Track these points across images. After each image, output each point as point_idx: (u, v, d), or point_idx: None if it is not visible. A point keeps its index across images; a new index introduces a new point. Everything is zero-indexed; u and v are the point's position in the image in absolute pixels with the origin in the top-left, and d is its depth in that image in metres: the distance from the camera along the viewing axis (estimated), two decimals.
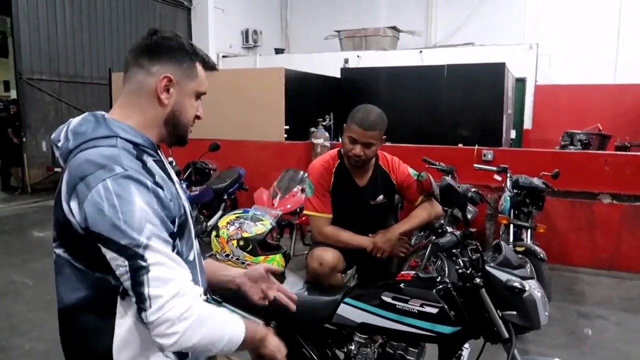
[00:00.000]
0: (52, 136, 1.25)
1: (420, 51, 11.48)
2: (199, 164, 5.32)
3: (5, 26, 10.86)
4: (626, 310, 4.15)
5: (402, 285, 2.00)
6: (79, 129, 1.19)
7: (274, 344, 1.40)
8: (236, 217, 2.32)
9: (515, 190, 4.08)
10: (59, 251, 1.18)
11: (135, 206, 1.07)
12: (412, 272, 2.10)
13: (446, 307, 1.90)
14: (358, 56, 12.18)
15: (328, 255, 2.32)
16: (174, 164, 5.23)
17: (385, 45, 12.45)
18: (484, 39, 12.02)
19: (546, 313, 1.89)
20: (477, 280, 1.84)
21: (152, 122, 1.23)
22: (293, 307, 1.61)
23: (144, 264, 1.07)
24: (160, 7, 11.68)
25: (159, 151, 1.28)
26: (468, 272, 1.85)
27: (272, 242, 2.40)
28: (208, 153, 5.25)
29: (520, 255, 3.73)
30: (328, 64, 10.09)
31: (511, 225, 3.93)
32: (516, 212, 4.05)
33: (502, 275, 1.83)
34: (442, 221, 2.08)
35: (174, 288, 1.08)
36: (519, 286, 1.77)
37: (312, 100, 7.15)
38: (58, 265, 1.19)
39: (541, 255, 3.57)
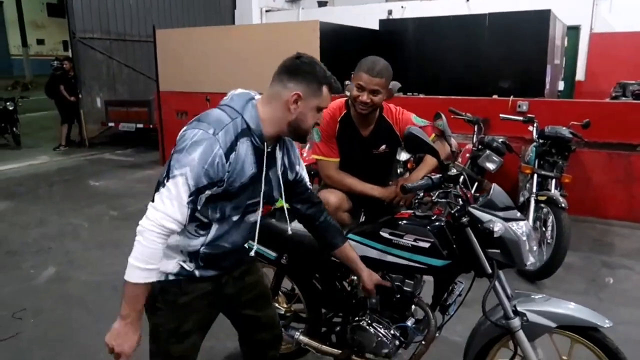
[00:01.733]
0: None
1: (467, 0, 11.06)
2: None
3: None
4: None
5: (398, 222, 2.16)
6: (235, 96, 1.67)
7: (119, 334, 1.55)
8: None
9: (540, 140, 4.06)
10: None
11: (192, 154, 1.50)
12: (410, 211, 2.24)
13: (437, 242, 2.04)
14: (402, 7, 11.90)
15: (332, 196, 2.49)
16: None
17: None
18: None
19: (533, 253, 1.98)
20: (464, 219, 1.97)
21: (278, 120, 1.65)
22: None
23: (165, 182, 1.52)
24: None
25: (264, 142, 1.64)
26: (453, 211, 1.98)
27: None
28: None
29: (542, 205, 3.78)
30: (371, 16, 9.93)
31: (535, 175, 3.93)
32: (541, 162, 4.04)
33: (484, 217, 1.94)
34: (450, 162, 2.16)
35: (160, 206, 1.52)
36: (494, 228, 1.88)
37: (348, 53, 7.10)
38: None
39: (562, 204, 3.59)
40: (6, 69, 24.23)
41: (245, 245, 1.83)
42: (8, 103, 9.62)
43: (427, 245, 2.06)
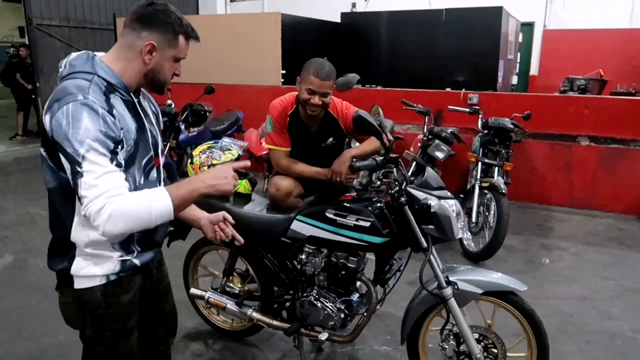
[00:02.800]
0: (59, 63, 1.54)
1: None
2: (195, 106, 5.62)
3: None
4: (587, 244, 4.46)
5: (342, 203, 2.33)
6: (73, 62, 1.49)
7: (214, 180, 1.52)
8: (208, 147, 2.65)
9: (485, 131, 4.32)
10: (42, 150, 1.49)
11: (81, 124, 1.35)
12: (354, 194, 2.42)
13: (376, 221, 2.22)
14: (365, 0, 12.07)
15: (284, 183, 2.64)
16: (172, 106, 5.56)
17: None
18: None
19: (461, 228, 2.19)
20: (402, 199, 2.16)
21: (133, 72, 1.53)
22: (241, 240, 2.00)
23: (79, 169, 1.35)
24: None
25: (131, 93, 1.55)
26: (392, 191, 2.17)
27: (240, 170, 2.72)
28: (204, 96, 5.54)
29: (486, 191, 4.04)
30: (335, 7, 10.07)
31: (479, 163, 4.19)
32: (485, 151, 4.30)
33: (420, 195, 2.14)
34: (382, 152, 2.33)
35: (95, 191, 1.35)
36: (431, 203, 2.08)
37: (309, 45, 7.29)
38: (41, 160, 1.51)
39: (502, 190, 3.86)
40: None
41: None
42: None
43: (367, 224, 2.24)
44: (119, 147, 1.44)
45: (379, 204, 2.27)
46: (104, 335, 1.63)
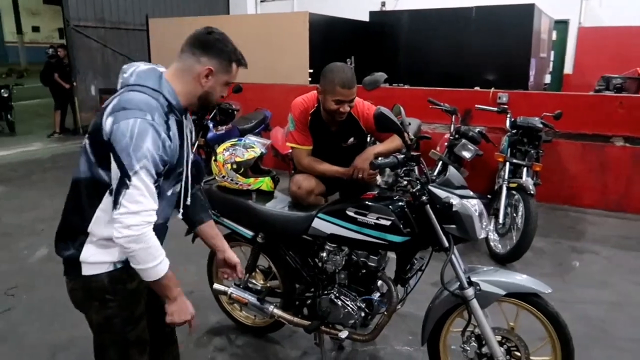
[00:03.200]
0: (124, 66, 1.67)
1: None
2: (223, 104, 5.70)
3: None
4: (620, 247, 4.31)
5: (363, 201, 2.33)
6: (142, 74, 1.62)
7: (177, 307, 1.68)
8: (231, 144, 2.68)
9: (513, 130, 4.24)
10: (87, 142, 1.59)
11: (144, 144, 1.48)
12: (375, 192, 2.41)
13: (397, 220, 2.21)
14: None
15: (305, 181, 2.65)
16: None
17: None
18: None
19: (484, 228, 2.16)
20: (423, 198, 2.14)
21: (189, 93, 1.66)
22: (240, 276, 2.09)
23: (128, 182, 1.47)
24: None
25: (183, 115, 1.68)
26: (413, 190, 2.15)
27: (263, 167, 2.75)
28: (232, 94, 5.61)
29: (513, 191, 3.97)
30: (364, 6, 10.04)
31: (507, 163, 4.11)
32: (513, 151, 4.22)
33: (442, 193, 2.12)
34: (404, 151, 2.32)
35: (136, 207, 1.49)
36: (452, 202, 2.06)
37: (337, 44, 7.30)
38: (82, 151, 1.61)
39: (530, 191, 3.78)
40: (1, 56, 24.18)
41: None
42: (2, 90, 9.70)
43: (388, 223, 2.23)
44: (164, 168, 1.58)
45: (400, 203, 2.26)
46: (112, 322, 1.69)
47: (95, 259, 1.62)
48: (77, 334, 3.00)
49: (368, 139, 3.06)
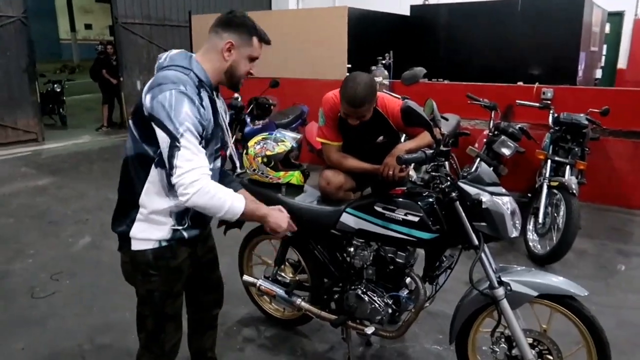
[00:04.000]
0: (159, 55, 1.84)
1: None
2: (260, 99, 5.76)
3: None
4: None
5: (391, 197, 2.29)
6: (174, 57, 1.78)
7: (273, 220, 1.89)
8: (262, 138, 2.70)
9: (556, 127, 4.07)
10: (130, 122, 1.75)
11: (182, 109, 1.62)
12: (404, 187, 2.37)
13: (425, 216, 2.17)
14: None
15: (334, 176, 2.63)
16: (239, 99, 5.73)
17: None
18: None
19: (517, 227, 2.08)
20: (453, 194, 2.09)
21: (216, 70, 1.80)
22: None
23: (178, 144, 1.61)
24: None
25: (214, 92, 1.81)
26: (442, 186, 2.10)
27: (294, 161, 2.75)
28: (269, 89, 5.66)
29: (555, 190, 3.82)
30: (407, 0, 9.89)
31: (548, 161, 3.95)
32: (556, 148, 4.05)
33: (472, 190, 2.06)
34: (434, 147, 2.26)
35: (191, 165, 1.62)
36: (482, 199, 1.99)
37: (376, 39, 7.22)
38: (128, 132, 1.78)
39: (573, 190, 3.62)
40: (55, 53, 25.32)
41: None
42: (55, 85, 10.18)
43: (416, 219, 2.19)
44: (204, 133, 1.71)
45: (429, 199, 2.22)
46: (153, 295, 1.85)
47: (143, 235, 1.78)
48: (114, 318, 3.12)
49: (403, 138, 3.01)
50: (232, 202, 1.71)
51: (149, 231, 1.77)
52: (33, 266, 3.90)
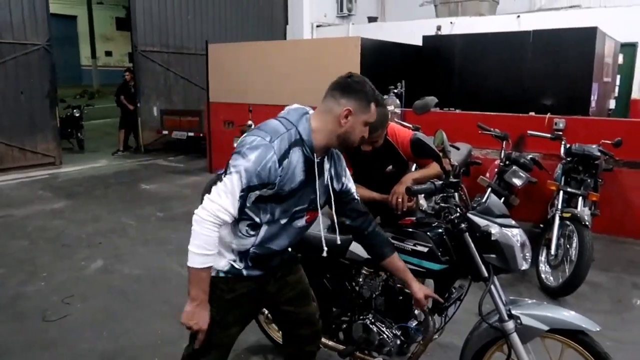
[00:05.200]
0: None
1: (518, 16, 10.95)
2: None
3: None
4: None
5: (401, 227, 2.30)
6: (292, 110, 1.85)
7: (188, 312, 1.79)
8: None
9: (568, 158, 4.06)
10: None
11: (249, 156, 1.70)
12: (414, 218, 2.38)
13: (435, 247, 2.17)
14: (451, 23, 11.90)
15: None
16: (252, 126, 5.81)
17: (482, 11, 12.01)
18: (595, 0, 11.13)
19: (527, 259, 2.08)
20: (462, 225, 2.09)
21: (328, 133, 1.81)
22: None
23: (223, 177, 1.74)
24: None
25: (313, 153, 1.81)
26: (452, 217, 2.11)
27: None
28: None
29: (567, 222, 3.78)
30: (419, 31, 10.01)
31: (560, 192, 3.93)
32: (568, 179, 4.03)
33: (481, 221, 2.06)
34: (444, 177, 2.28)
35: (214, 197, 1.72)
36: (492, 231, 2.00)
37: (389, 69, 7.31)
38: None
39: (586, 222, 3.59)
40: (76, 78, 25.95)
41: (289, 249, 2.03)
42: (75, 110, 10.44)
43: (425, 249, 2.19)
44: (263, 188, 1.74)
45: (438, 230, 2.22)
46: None
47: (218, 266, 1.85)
48: (124, 343, 3.13)
49: (413, 168, 3.03)
50: (199, 255, 1.72)
51: (216, 259, 1.81)
52: (46, 289, 3.95)
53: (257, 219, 1.82)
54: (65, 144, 10.21)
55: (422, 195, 2.33)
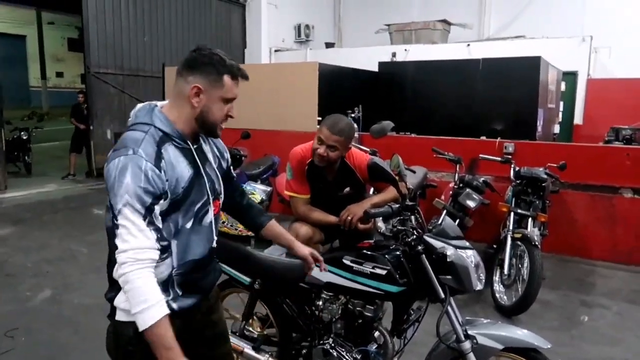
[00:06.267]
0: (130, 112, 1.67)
1: (468, 44, 11.44)
2: (231, 150, 5.80)
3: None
4: (632, 302, 4.19)
5: (359, 250, 2.32)
6: (137, 112, 1.63)
7: None
8: None
9: (517, 180, 4.24)
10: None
11: (124, 180, 1.46)
12: (372, 240, 2.41)
13: (393, 269, 2.20)
14: (405, 50, 12.29)
15: (303, 229, 2.67)
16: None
17: (435, 39, 12.48)
18: (539, 31, 11.77)
19: (481, 279, 2.14)
20: (419, 247, 2.14)
21: (185, 118, 1.60)
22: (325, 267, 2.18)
23: (116, 222, 1.47)
24: (216, 4, 12.36)
25: (187, 141, 1.62)
26: (409, 239, 2.15)
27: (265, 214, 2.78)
28: (241, 140, 5.73)
29: (519, 242, 3.92)
30: (375, 57, 10.25)
31: (512, 214, 4.09)
32: (518, 201, 4.20)
33: (437, 243, 2.11)
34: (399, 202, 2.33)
35: (125, 246, 1.46)
36: (447, 252, 2.05)
37: (347, 93, 7.46)
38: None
39: (535, 242, 3.73)
40: (25, 100, 24.99)
41: (211, 256, 1.79)
42: (22, 133, 10.02)
43: (383, 272, 2.22)
44: (159, 201, 1.52)
45: (396, 252, 2.25)
46: None
47: (125, 305, 1.54)
48: None
49: (371, 191, 3.08)
50: (146, 309, 1.44)
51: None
52: None
53: (163, 241, 1.57)
54: (12, 168, 9.75)
55: (380, 217, 2.37)
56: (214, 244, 1.76)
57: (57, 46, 27.34)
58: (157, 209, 1.52)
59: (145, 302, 1.44)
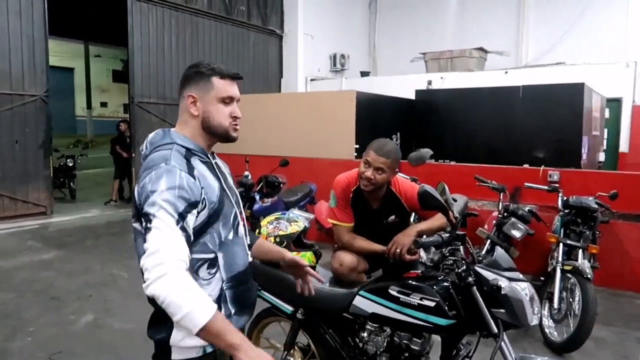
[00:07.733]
0: (140, 147, 1.72)
1: (506, 72, 11.31)
2: (269, 177, 5.84)
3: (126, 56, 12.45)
4: None
5: (406, 280, 2.26)
6: (152, 140, 1.67)
7: (253, 355, 1.40)
8: (275, 217, 2.72)
9: (565, 210, 4.07)
10: (136, 224, 1.57)
11: (158, 187, 1.46)
12: (419, 271, 2.34)
13: (442, 301, 2.12)
14: (442, 78, 12.26)
15: (347, 258, 2.62)
16: (249, 177, 5.82)
17: (471, 67, 12.41)
18: (579, 57, 11.57)
19: (537, 314, 2.04)
20: (470, 279, 2.06)
21: (195, 131, 1.65)
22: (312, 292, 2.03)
23: (150, 225, 1.44)
24: (254, 36, 12.71)
25: (208, 155, 1.67)
26: (459, 270, 2.07)
27: (306, 241, 2.75)
28: (279, 168, 5.77)
29: (569, 275, 3.75)
30: (411, 85, 10.28)
31: (560, 244, 3.92)
32: (567, 231, 4.03)
33: (489, 275, 2.03)
34: (449, 229, 2.27)
35: (157, 246, 1.40)
36: (501, 285, 1.96)
37: (384, 121, 7.46)
38: (135, 235, 1.59)
39: (588, 275, 3.55)
40: (71, 128, 26.14)
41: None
42: (68, 160, 10.44)
43: (432, 304, 2.14)
44: (192, 208, 1.49)
45: (445, 283, 2.18)
46: None
47: (184, 343, 1.52)
48: None
49: (412, 218, 3.02)
50: (194, 307, 1.36)
51: (191, 338, 1.48)
52: (32, 345, 3.78)
53: (211, 254, 1.58)
54: (57, 194, 10.11)
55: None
56: (250, 257, 1.77)
57: (102, 77, 28.63)
58: (191, 218, 1.50)
59: (194, 299, 1.38)
